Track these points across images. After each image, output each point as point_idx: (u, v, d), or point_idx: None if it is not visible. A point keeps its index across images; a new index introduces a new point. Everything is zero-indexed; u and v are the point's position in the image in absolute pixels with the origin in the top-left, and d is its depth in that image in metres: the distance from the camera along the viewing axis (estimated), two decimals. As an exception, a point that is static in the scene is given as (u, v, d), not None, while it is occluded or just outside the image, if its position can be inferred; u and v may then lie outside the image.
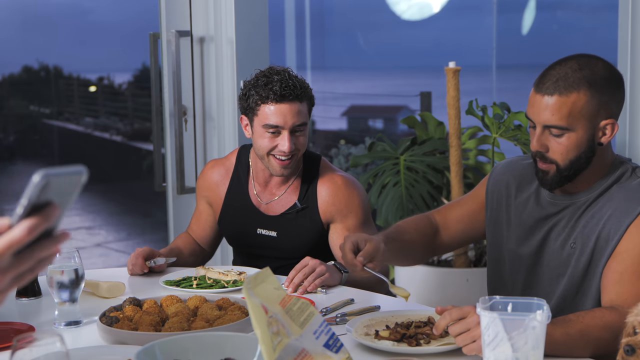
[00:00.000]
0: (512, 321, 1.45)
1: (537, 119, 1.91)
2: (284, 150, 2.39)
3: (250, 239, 2.59)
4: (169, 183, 3.56)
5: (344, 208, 2.49)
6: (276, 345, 1.38)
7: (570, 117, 1.87)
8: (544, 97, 1.88)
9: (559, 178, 1.94)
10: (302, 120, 2.40)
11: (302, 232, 2.53)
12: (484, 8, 7.62)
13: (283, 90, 2.36)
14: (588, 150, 1.91)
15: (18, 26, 11.08)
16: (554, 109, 1.87)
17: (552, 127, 1.89)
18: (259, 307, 1.39)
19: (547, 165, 1.94)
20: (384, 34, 10.14)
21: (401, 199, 3.75)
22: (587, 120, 1.88)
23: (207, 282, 2.33)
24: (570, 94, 1.86)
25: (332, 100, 10.48)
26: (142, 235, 8.09)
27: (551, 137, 1.91)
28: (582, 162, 1.92)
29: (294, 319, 1.46)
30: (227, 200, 2.62)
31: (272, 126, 2.39)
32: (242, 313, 1.92)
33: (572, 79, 1.87)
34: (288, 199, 2.55)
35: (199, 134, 3.62)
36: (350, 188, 2.51)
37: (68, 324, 2.00)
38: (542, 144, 1.92)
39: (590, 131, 1.90)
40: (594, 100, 1.88)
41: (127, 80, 12.91)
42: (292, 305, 1.47)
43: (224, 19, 3.53)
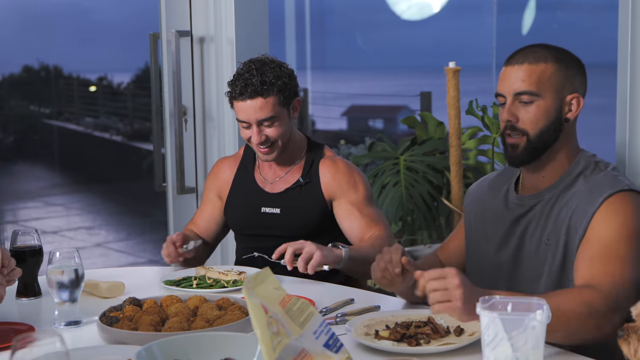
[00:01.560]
0: (512, 321, 1.45)
1: (507, 90, 1.99)
2: (255, 142, 2.53)
3: (255, 218, 2.64)
4: (169, 183, 3.56)
5: (345, 184, 2.58)
6: (276, 345, 1.38)
7: (539, 83, 1.96)
8: (514, 67, 1.99)
9: (529, 151, 1.99)
10: (267, 114, 2.50)
11: (305, 208, 2.58)
12: (484, 8, 7.62)
13: (243, 89, 2.49)
14: (556, 121, 1.98)
15: (18, 26, 11.09)
16: (524, 75, 1.97)
17: (523, 94, 1.97)
18: (258, 307, 1.39)
19: (517, 138, 1.99)
20: (384, 34, 10.14)
21: (401, 199, 3.75)
22: (555, 91, 1.97)
23: (207, 282, 2.33)
24: (539, 63, 1.98)
25: (332, 100, 10.48)
26: (142, 235, 8.09)
27: (521, 107, 1.98)
28: (551, 134, 1.98)
29: (294, 318, 1.46)
30: (234, 186, 2.71)
31: (241, 121, 2.54)
32: (242, 313, 1.92)
33: (539, 52, 2.00)
34: (292, 178, 2.64)
35: (199, 134, 3.62)
36: (350, 167, 2.62)
37: (68, 324, 2.00)
38: (512, 114, 1.99)
39: (557, 102, 1.98)
40: (561, 72, 1.98)
41: (127, 80, 12.92)
42: (292, 305, 1.47)
43: (224, 19, 3.53)
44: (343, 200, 2.57)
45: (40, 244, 2.28)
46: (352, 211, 2.55)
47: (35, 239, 2.27)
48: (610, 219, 1.89)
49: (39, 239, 2.28)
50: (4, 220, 8.09)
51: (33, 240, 2.26)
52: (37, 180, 10.25)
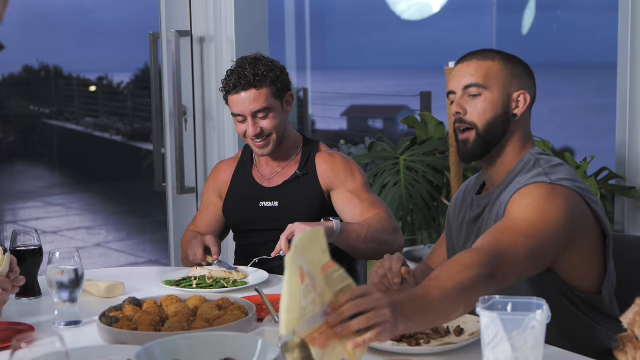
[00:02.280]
0: (512, 321, 1.45)
1: (457, 85, 2.06)
2: (251, 135, 2.58)
3: (253, 213, 2.67)
4: (169, 183, 3.56)
5: (342, 173, 2.63)
6: (306, 313, 1.36)
7: (487, 77, 2.03)
8: (464, 64, 2.06)
9: (479, 144, 2.03)
10: (261, 105, 2.55)
11: (303, 200, 2.61)
12: (483, 8, 7.62)
13: (236, 82, 2.56)
14: (503, 115, 2.03)
15: (18, 26, 11.09)
16: (472, 70, 2.04)
17: (471, 86, 2.03)
18: (297, 273, 1.36)
19: (467, 132, 2.04)
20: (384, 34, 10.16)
21: (401, 199, 3.75)
22: (502, 86, 2.03)
23: (207, 282, 2.33)
24: (487, 60, 2.05)
25: (332, 100, 10.48)
26: (142, 235, 8.09)
27: (469, 100, 2.04)
28: (498, 127, 2.02)
29: (331, 286, 1.45)
30: (232, 184, 2.75)
31: (236, 115, 2.59)
32: (242, 313, 1.92)
33: (488, 52, 2.08)
34: (289, 172, 2.68)
35: (199, 134, 3.62)
36: (346, 158, 2.68)
37: (68, 324, 2.00)
38: (460, 106, 2.05)
39: (504, 97, 2.03)
40: (507, 70, 2.05)
41: (127, 80, 12.92)
42: (333, 272, 1.46)
43: (224, 19, 3.53)
44: (341, 189, 2.61)
45: (40, 244, 2.28)
46: (352, 199, 2.59)
47: (35, 239, 2.27)
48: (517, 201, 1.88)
49: (39, 239, 2.28)
50: (4, 220, 8.09)
51: (33, 240, 2.26)
52: (37, 180, 10.26)
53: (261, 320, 1.94)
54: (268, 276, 2.41)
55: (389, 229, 2.52)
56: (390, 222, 2.54)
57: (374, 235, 2.47)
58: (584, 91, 11.43)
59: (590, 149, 5.46)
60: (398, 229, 2.57)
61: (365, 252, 2.51)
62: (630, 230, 3.62)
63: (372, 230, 2.48)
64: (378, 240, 2.48)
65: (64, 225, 8.18)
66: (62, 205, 9.33)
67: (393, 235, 2.53)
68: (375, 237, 2.48)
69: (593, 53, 7.91)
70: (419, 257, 3.97)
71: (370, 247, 2.48)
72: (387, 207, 2.62)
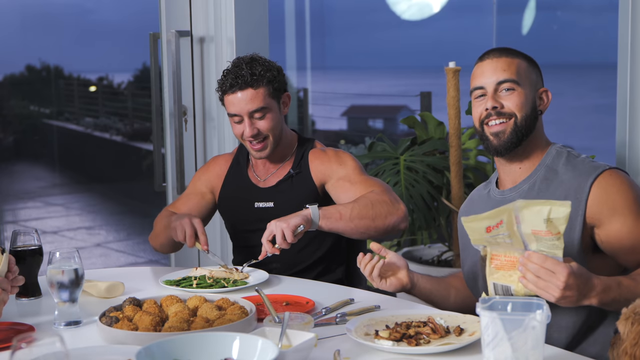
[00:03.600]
0: (512, 321, 1.45)
1: (488, 81, 2.07)
2: (247, 135, 2.56)
3: (249, 214, 2.65)
4: (169, 183, 3.56)
5: (333, 164, 2.60)
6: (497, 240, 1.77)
7: (519, 74, 2.06)
8: (492, 60, 2.08)
9: (516, 134, 2.05)
10: (258, 105, 2.53)
11: (298, 199, 2.58)
12: (483, 8, 7.63)
13: (233, 81, 2.54)
14: (533, 111, 2.07)
15: (19, 26, 11.09)
16: (505, 66, 2.06)
17: (505, 82, 2.06)
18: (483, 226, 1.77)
19: (503, 123, 2.05)
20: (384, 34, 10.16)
21: (401, 199, 3.75)
22: (530, 83, 2.08)
23: (207, 282, 2.33)
24: (515, 58, 2.08)
25: (332, 100, 10.47)
26: (142, 235, 8.08)
27: (503, 95, 2.06)
28: (530, 122, 2.06)
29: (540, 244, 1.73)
30: (227, 182, 2.73)
31: (232, 115, 2.57)
32: (242, 313, 1.92)
33: (511, 50, 2.10)
34: (283, 172, 2.66)
35: (199, 134, 3.62)
36: (337, 151, 2.65)
37: (68, 324, 2.00)
38: (496, 101, 2.06)
39: (533, 94, 2.08)
40: (531, 68, 2.09)
41: (127, 80, 12.91)
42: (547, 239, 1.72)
43: (224, 19, 3.53)
44: (334, 179, 2.58)
45: (40, 244, 2.28)
46: (344, 184, 2.55)
47: (35, 239, 2.27)
48: (609, 192, 1.96)
49: (39, 239, 2.28)
50: (4, 220, 8.09)
51: (33, 240, 2.26)
52: (37, 180, 10.26)
53: (261, 320, 1.94)
54: (268, 276, 2.41)
55: (381, 201, 2.41)
56: (385, 195, 2.44)
57: (362, 212, 2.39)
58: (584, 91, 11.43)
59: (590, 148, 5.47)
60: (396, 199, 2.46)
61: (356, 230, 2.41)
62: (630, 230, 3.61)
63: (358, 207, 2.39)
64: (368, 216, 2.39)
65: (64, 225, 8.18)
66: (62, 205, 9.33)
67: (388, 207, 2.42)
68: (363, 214, 2.39)
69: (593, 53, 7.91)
70: (419, 257, 3.97)
71: (360, 224, 2.39)
72: (384, 183, 2.53)
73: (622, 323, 1.53)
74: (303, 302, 2.13)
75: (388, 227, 2.43)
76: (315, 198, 2.59)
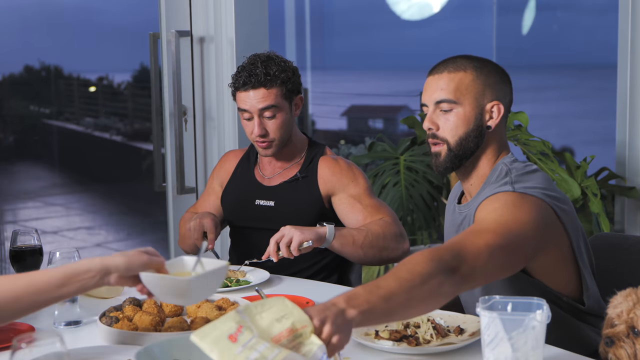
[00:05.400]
0: (512, 321, 1.45)
1: (428, 99, 2.03)
2: (255, 134, 2.55)
3: (249, 210, 2.65)
4: (169, 183, 3.56)
5: (344, 178, 2.57)
6: None
7: (458, 91, 1.99)
8: (435, 77, 2.03)
9: (450, 158, 2.01)
10: (268, 103, 2.52)
11: (299, 202, 2.58)
12: (484, 8, 7.62)
13: (247, 79, 2.53)
14: (476, 129, 2.00)
15: (18, 26, 11.09)
16: (443, 84, 2.01)
17: (442, 102, 2.01)
18: (225, 335, 1.35)
19: (439, 146, 2.02)
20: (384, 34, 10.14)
21: (401, 199, 3.75)
22: (474, 98, 1.99)
23: None
24: (458, 72, 2.01)
25: (332, 100, 10.47)
26: (142, 235, 8.09)
27: (441, 115, 2.02)
28: (471, 142, 2.00)
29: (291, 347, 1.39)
30: (233, 176, 2.75)
31: (242, 110, 2.56)
32: (242, 313, 1.92)
33: (459, 62, 2.03)
34: (289, 173, 2.65)
35: (199, 134, 3.62)
36: (349, 163, 2.63)
37: (68, 324, 2.00)
38: (432, 122, 2.03)
39: (477, 110, 2.00)
40: (480, 80, 2.00)
41: (127, 80, 12.91)
42: (286, 342, 1.39)
43: (224, 19, 3.53)
44: (343, 194, 2.56)
45: (40, 244, 2.28)
46: (354, 204, 2.54)
47: (35, 239, 2.27)
48: (484, 206, 1.89)
49: (39, 239, 2.28)
50: (4, 220, 8.09)
51: (33, 240, 2.26)
52: (37, 181, 10.25)
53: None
54: (269, 276, 2.41)
55: (391, 234, 2.43)
56: (394, 227, 2.46)
57: (373, 241, 2.40)
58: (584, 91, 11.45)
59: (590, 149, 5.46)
60: (403, 234, 2.48)
61: (363, 258, 2.44)
62: (630, 230, 3.62)
63: (370, 235, 2.40)
64: (377, 246, 2.40)
65: (64, 225, 8.17)
66: (62, 205, 9.32)
67: (395, 241, 2.44)
68: (374, 243, 2.40)
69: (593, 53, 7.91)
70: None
71: (368, 252, 2.41)
72: (393, 212, 2.55)
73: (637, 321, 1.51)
74: (303, 302, 2.13)
75: (389, 260, 2.45)
76: (318, 206, 2.57)
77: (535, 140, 3.51)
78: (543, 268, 1.93)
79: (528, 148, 3.48)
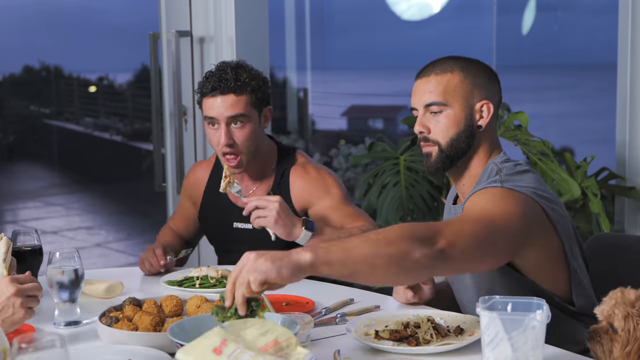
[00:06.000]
0: (512, 321, 1.45)
1: (417, 102, 2.04)
2: (222, 143, 2.44)
3: (227, 233, 2.60)
4: (168, 183, 3.56)
5: (317, 191, 2.52)
6: None
7: (446, 93, 2.00)
8: (422, 80, 2.03)
9: (441, 159, 2.02)
10: (237, 111, 2.44)
11: None
12: (484, 8, 7.62)
13: (216, 84, 2.44)
14: (467, 130, 2.01)
15: (18, 26, 11.08)
16: (431, 87, 2.01)
17: (431, 105, 2.01)
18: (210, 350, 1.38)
19: (430, 147, 2.03)
20: (384, 33, 10.14)
21: (401, 199, 3.75)
22: (463, 99, 2.00)
23: (209, 282, 2.32)
24: (445, 73, 2.01)
25: (332, 100, 10.48)
26: (142, 235, 8.09)
27: (431, 118, 2.02)
28: (462, 142, 2.01)
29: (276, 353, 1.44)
30: (206, 197, 2.67)
31: (208, 118, 2.47)
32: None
33: (447, 63, 2.03)
34: (262, 191, 2.58)
35: (199, 134, 3.62)
36: (321, 172, 2.55)
37: (68, 324, 2.00)
38: (423, 125, 2.03)
39: (467, 110, 2.01)
40: (468, 80, 2.01)
41: (127, 80, 12.90)
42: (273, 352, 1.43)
43: (224, 19, 3.53)
44: (318, 207, 2.51)
45: (40, 244, 2.28)
46: (330, 215, 2.49)
47: (35, 239, 2.27)
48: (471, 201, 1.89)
49: (39, 239, 2.28)
50: (4, 220, 8.09)
51: (33, 240, 2.26)
52: (37, 180, 10.25)
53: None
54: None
55: None
56: None
57: None
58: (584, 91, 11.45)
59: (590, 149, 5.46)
60: None
61: None
62: (630, 230, 3.62)
63: None
64: None
65: (64, 225, 8.17)
66: (62, 205, 9.32)
67: None
68: None
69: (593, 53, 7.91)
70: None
71: None
72: (370, 218, 2.51)
73: (620, 320, 1.51)
74: (303, 302, 2.13)
75: None
76: None
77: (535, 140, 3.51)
78: (533, 266, 1.93)
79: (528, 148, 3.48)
